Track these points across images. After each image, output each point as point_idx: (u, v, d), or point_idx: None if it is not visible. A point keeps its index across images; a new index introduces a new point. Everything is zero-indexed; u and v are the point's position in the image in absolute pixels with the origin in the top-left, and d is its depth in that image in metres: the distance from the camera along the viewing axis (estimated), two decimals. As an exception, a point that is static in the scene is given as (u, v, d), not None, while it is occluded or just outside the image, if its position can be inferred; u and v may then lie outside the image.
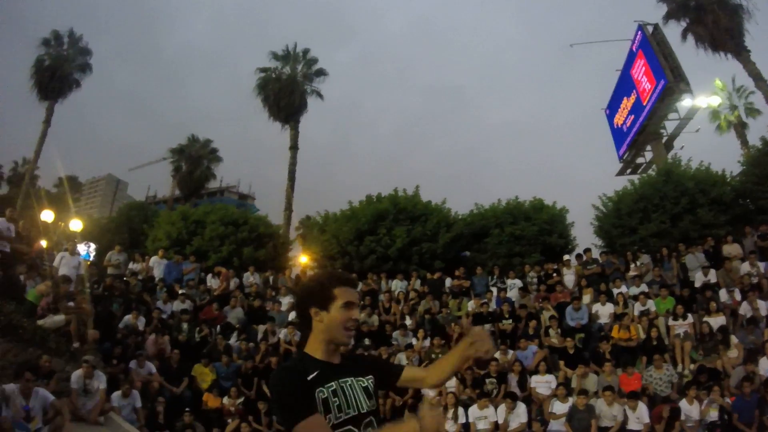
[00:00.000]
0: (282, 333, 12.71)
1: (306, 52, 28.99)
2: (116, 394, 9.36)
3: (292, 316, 13.48)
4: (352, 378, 2.19)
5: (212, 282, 15.51)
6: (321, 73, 28.97)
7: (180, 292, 13.98)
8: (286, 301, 14.21)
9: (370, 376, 2.28)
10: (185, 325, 12.55)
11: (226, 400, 10.52)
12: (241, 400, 10.66)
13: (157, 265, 15.52)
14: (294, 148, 28.23)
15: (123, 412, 9.26)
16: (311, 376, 2.04)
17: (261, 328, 13.19)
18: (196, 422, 9.74)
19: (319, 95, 28.87)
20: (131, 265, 15.89)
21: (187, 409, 9.84)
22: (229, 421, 10.05)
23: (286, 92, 27.85)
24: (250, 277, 15.82)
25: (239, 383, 11.04)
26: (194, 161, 32.50)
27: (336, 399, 2.06)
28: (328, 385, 2.07)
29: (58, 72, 31.26)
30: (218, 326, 13.14)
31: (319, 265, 17.78)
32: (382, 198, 18.20)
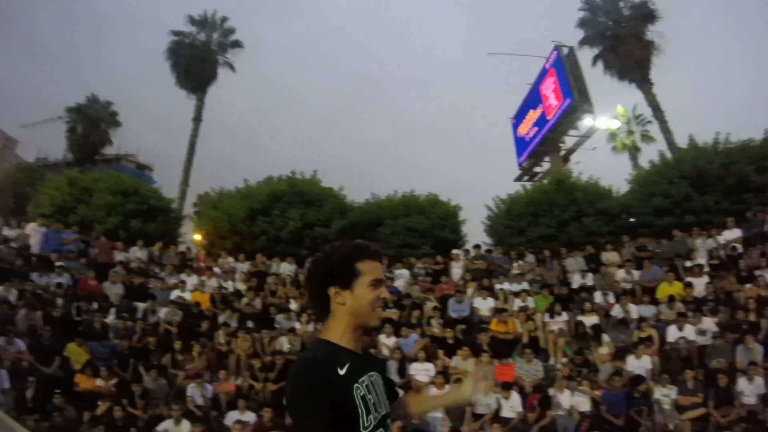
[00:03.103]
0: (163, 312, 12.11)
1: (224, 20, 28.09)
2: (-19, 374, 8.48)
3: (174, 294, 12.85)
4: (376, 373, 1.89)
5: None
6: (237, 44, 28.18)
7: (57, 264, 12.88)
8: (170, 281, 13.54)
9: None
10: (60, 300, 11.63)
11: (99, 381, 9.79)
12: (114, 381, 9.94)
13: (34, 233, 14.16)
14: (197, 119, 27.34)
15: (-10, 392, 8.41)
16: (344, 370, 1.71)
17: (141, 306, 12.43)
18: (68, 405, 8.96)
19: (231, 67, 28.11)
20: (5, 231, 14.43)
21: (57, 390, 9.04)
22: (100, 403, 9.30)
23: (197, 60, 26.90)
24: (138, 252, 14.91)
25: (115, 364, 10.33)
26: (91, 123, 30.14)
27: (371, 396, 1.76)
28: (362, 379, 1.77)
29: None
30: (95, 303, 12.22)
31: (209, 243, 17.09)
32: (280, 179, 17.77)
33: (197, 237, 18.91)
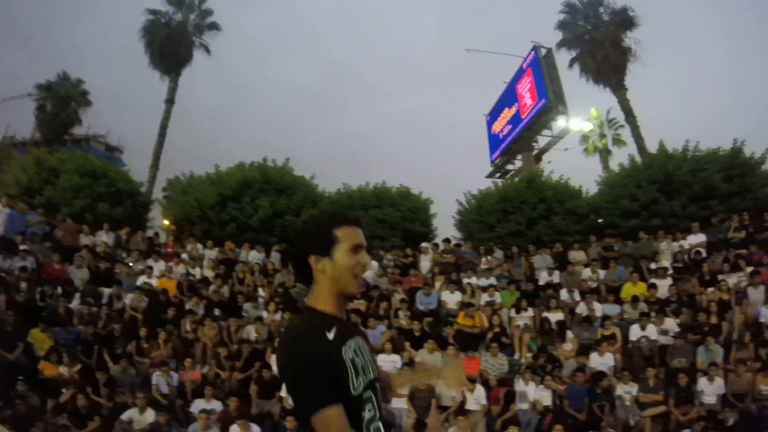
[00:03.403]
0: (128, 298, 11.90)
1: (202, 1, 27.44)
2: (-58, 360, 8.23)
3: (141, 281, 12.65)
4: (360, 338, 1.88)
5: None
6: (214, 26, 27.59)
7: (21, 247, 12.51)
8: (136, 266, 13.35)
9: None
10: (24, 284, 11.32)
11: (62, 368, 9.61)
12: (78, 368, 9.75)
13: None
14: (170, 102, 26.79)
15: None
16: (332, 334, 1.71)
17: (107, 291, 12.18)
18: (31, 392, 8.79)
19: (207, 50, 27.65)
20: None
21: (20, 377, 8.87)
22: (63, 391, 9.14)
23: (172, 40, 26.25)
24: (104, 236, 14.61)
25: (79, 351, 10.15)
26: (61, 102, 29.46)
27: (359, 359, 1.76)
28: (349, 342, 1.77)
29: None
30: (60, 287, 11.95)
31: (177, 229, 16.83)
32: (252, 166, 17.63)
33: (166, 222, 18.61)
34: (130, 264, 13.52)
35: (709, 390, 8.94)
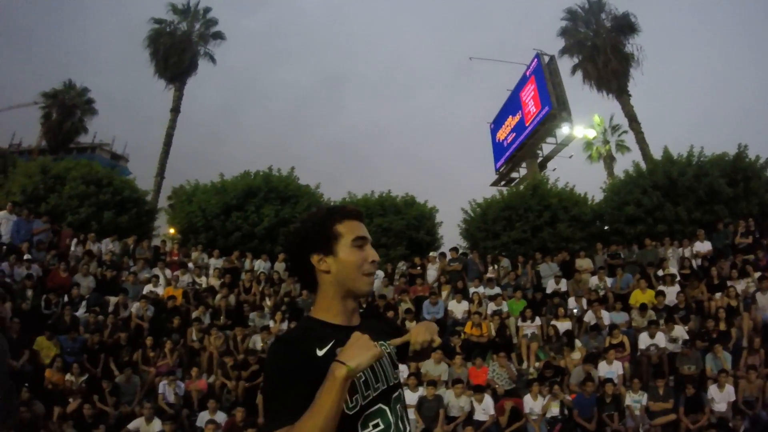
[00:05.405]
0: (134, 307, 11.91)
1: (207, 11, 27.48)
2: (-53, 367, 8.21)
3: (147, 289, 12.65)
4: (376, 343, 1.67)
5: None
6: (218, 36, 27.59)
7: (26, 255, 12.51)
8: (142, 275, 13.35)
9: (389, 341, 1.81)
10: (30, 292, 11.34)
11: (68, 377, 9.65)
12: (85, 377, 9.82)
13: (5, 222, 13.56)
14: (175, 110, 26.74)
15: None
16: (324, 350, 1.56)
17: (113, 300, 12.20)
18: (35, 400, 8.76)
19: (212, 59, 27.59)
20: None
21: (26, 384, 8.88)
22: (71, 400, 9.18)
23: (177, 49, 26.25)
24: (110, 245, 14.63)
25: (84, 359, 10.21)
26: (67, 110, 29.32)
27: (362, 374, 1.58)
28: None
29: None
30: (66, 295, 11.96)
31: (183, 238, 16.80)
32: (257, 174, 17.66)
33: (171, 231, 18.60)
34: (136, 273, 13.53)
35: (720, 397, 8.88)
